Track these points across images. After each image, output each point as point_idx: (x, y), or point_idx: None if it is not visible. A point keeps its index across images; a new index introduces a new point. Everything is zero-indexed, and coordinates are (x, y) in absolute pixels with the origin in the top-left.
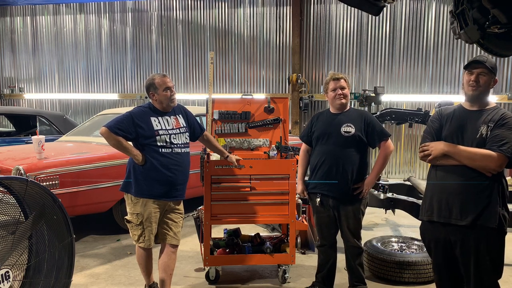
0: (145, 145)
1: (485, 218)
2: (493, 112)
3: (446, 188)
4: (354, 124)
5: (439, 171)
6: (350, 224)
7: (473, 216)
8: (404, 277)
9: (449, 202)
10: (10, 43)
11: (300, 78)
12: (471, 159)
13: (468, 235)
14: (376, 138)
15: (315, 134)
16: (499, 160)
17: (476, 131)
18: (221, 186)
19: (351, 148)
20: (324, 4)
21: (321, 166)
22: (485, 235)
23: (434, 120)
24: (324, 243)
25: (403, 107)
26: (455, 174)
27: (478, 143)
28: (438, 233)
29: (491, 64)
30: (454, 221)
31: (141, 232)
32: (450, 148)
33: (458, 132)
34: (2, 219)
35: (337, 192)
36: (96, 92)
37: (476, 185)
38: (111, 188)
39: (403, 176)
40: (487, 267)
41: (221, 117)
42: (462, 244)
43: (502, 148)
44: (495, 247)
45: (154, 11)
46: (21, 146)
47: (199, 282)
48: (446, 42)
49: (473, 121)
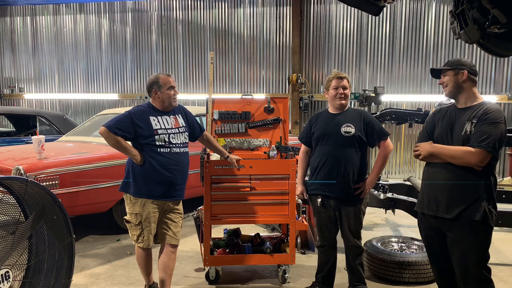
0: (144, 144)
1: (470, 212)
2: (478, 108)
3: (435, 184)
4: (354, 124)
5: (430, 167)
6: (351, 224)
7: (458, 210)
8: (404, 277)
9: (437, 197)
10: (10, 43)
11: (300, 78)
12: (453, 157)
13: (454, 227)
14: (375, 137)
15: (315, 135)
16: (479, 156)
17: (462, 129)
18: (221, 186)
19: (351, 148)
20: (324, 4)
21: (322, 167)
22: (469, 228)
23: (429, 120)
24: (325, 244)
25: (403, 107)
26: (444, 170)
27: (463, 141)
28: (430, 224)
29: (449, 63)
30: (441, 214)
31: (140, 232)
32: (434, 149)
33: (448, 130)
34: (2, 219)
35: (338, 193)
36: (96, 92)
37: (462, 180)
38: (111, 188)
39: (403, 176)
40: (471, 259)
41: (221, 117)
42: (449, 236)
43: (481, 144)
44: (479, 240)
45: (154, 11)
46: (21, 146)
47: (199, 282)
48: (446, 42)
49: (460, 119)
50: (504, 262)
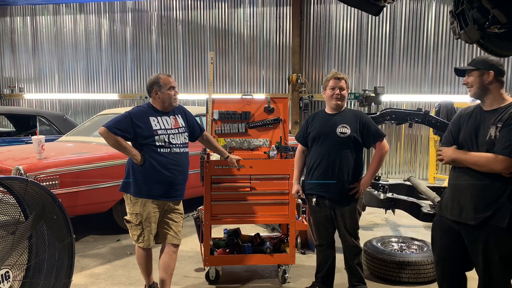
0: (144, 145)
1: (496, 219)
2: (505, 111)
3: (459, 188)
4: (350, 125)
5: (455, 171)
6: (347, 224)
7: (483, 217)
8: (404, 277)
9: (461, 201)
10: (10, 43)
11: (300, 78)
12: (476, 164)
13: (478, 234)
14: (371, 139)
15: (311, 135)
16: (503, 163)
17: (487, 133)
18: (221, 186)
19: (346, 149)
20: (324, 4)
21: (317, 167)
22: (495, 234)
23: (453, 122)
24: (322, 243)
25: (403, 107)
26: (469, 175)
27: (488, 146)
28: (449, 228)
29: (474, 62)
30: (464, 219)
31: (140, 232)
32: (457, 155)
33: (473, 135)
34: (2, 219)
35: (333, 193)
36: (96, 92)
37: (488, 186)
38: (111, 188)
39: (403, 176)
40: (496, 266)
41: (221, 117)
42: (472, 243)
43: (505, 151)
44: (504, 246)
45: (154, 11)
46: (21, 146)
47: (199, 282)
48: (446, 42)
49: (486, 122)
50: None
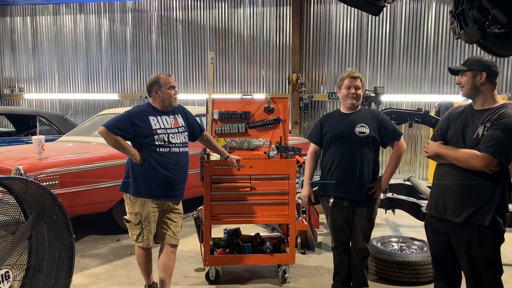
0: (143, 144)
1: (478, 217)
2: (495, 112)
3: (444, 185)
4: (368, 124)
5: (441, 168)
6: (365, 224)
7: (466, 214)
8: (404, 277)
9: (445, 199)
10: (10, 43)
11: (300, 78)
12: (457, 159)
13: (462, 232)
14: (388, 137)
15: (328, 135)
16: (484, 160)
17: (474, 132)
18: (221, 186)
19: (366, 149)
20: (324, 4)
21: (337, 168)
22: (478, 233)
23: (443, 119)
24: (338, 245)
25: (403, 107)
26: (453, 172)
27: (474, 144)
28: (436, 226)
29: (468, 62)
30: (449, 217)
31: (139, 231)
32: (440, 150)
33: (460, 132)
34: (2, 219)
35: (353, 194)
36: (96, 92)
37: (472, 184)
38: (111, 188)
39: (403, 176)
40: (481, 264)
41: (221, 117)
42: (457, 240)
43: (488, 149)
44: (488, 245)
45: (154, 11)
46: (21, 146)
47: (199, 282)
48: (446, 42)
49: (475, 121)
50: (505, 262)
